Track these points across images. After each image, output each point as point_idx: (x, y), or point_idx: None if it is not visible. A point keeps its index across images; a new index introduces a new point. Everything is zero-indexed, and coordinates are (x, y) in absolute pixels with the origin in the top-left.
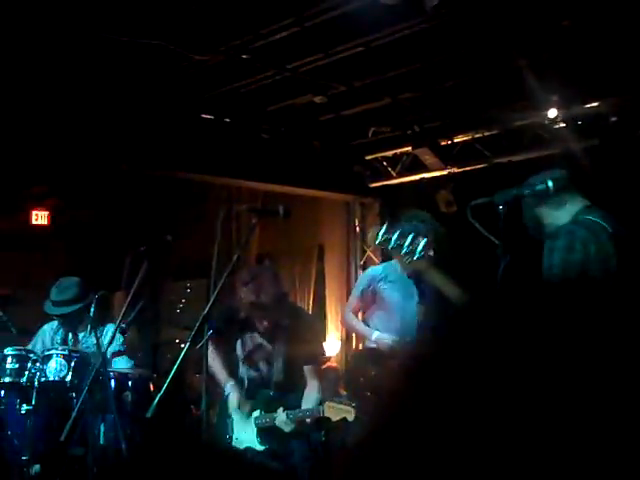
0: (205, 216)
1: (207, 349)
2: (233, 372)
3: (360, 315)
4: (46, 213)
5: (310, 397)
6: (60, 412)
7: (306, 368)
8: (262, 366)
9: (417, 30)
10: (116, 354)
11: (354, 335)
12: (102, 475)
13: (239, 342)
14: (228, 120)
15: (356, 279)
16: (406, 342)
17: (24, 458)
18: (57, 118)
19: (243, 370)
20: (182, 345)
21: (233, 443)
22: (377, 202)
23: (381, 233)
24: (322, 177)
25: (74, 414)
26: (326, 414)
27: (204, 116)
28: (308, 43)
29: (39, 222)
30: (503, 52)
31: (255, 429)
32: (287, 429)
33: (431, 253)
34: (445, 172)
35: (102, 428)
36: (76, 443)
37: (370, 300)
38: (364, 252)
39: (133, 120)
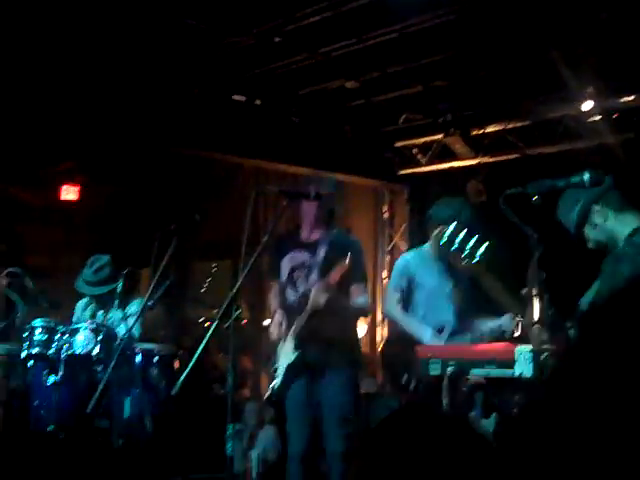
0: (232, 197)
1: (233, 329)
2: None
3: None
4: (75, 188)
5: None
6: (86, 385)
7: (352, 288)
8: (300, 285)
9: (452, 18)
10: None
11: (384, 321)
12: (126, 448)
13: (284, 262)
14: (259, 102)
15: (383, 265)
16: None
17: (50, 429)
18: (88, 94)
19: (289, 293)
20: (206, 324)
21: (277, 372)
22: (406, 189)
23: (447, 234)
24: (351, 162)
25: (100, 387)
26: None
27: (235, 97)
28: (341, 28)
29: (68, 197)
30: (539, 43)
31: (293, 341)
32: (322, 299)
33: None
34: (475, 162)
35: (127, 402)
36: (101, 416)
37: (407, 288)
38: (391, 238)
39: (165, 99)
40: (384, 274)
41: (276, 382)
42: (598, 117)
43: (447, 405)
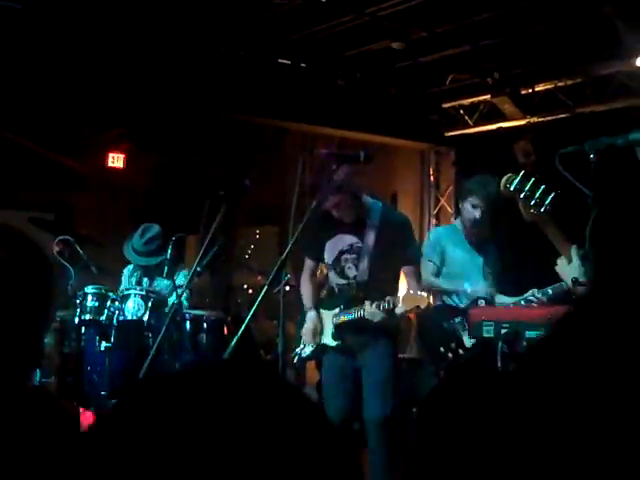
0: (279, 162)
1: (283, 294)
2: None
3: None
4: (122, 156)
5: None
6: (138, 350)
7: (405, 269)
8: (348, 271)
9: None
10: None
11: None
12: None
13: (327, 246)
14: (304, 65)
15: (429, 228)
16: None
17: (102, 393)
18: (134, 61)
19: (333, 277)
20: (250, 290)
21: (307, 339)
22: (452, 151)
23: (517, 181)
24: (398, 125)
25: (151, 353)
26: (400, 304)
27: (281, 61)
28: None
29: (115, 165)
30: None
31: (332, 326)
32: (377, 318)
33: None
34: (524, 122)
35: (178, 368)
36: None
37: (439, 261)
38: (438, 201)
39: (210, 64)
40: None
41: (305, 350)
42: None
43: (501, 369)
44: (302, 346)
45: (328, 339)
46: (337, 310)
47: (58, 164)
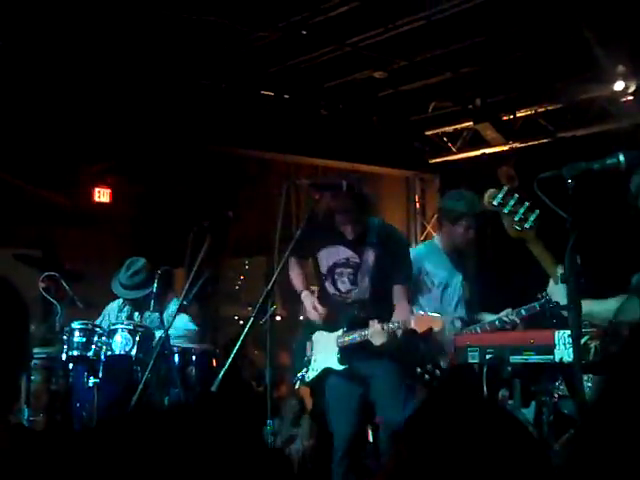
0: (264, 193)
1: (270, 325)
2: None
3: None
4: (108, 190)
5: (399, 317)
6: (126, 385)
7: (396, 288)
8: (340, 284)
9: (478, 2)
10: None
11: None
12: None
13: (323, 253)
14: (287, 96)
15: None
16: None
17: None
18: (117, 95)
19: (327, 287)
20: (240, 321)
21: (311, 364)
22: (437, 178)
23: (500, 196)
24: (382, 153)
25: (140, 387)
26: (413, 325)
27: (264, 92)
28: (368, 18)
29: (101, 199)
30: (567, 23)
31: (337, 349)
32: (378, 341)
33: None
34: (506, 147)
35: (166, 401)
36: None
37: (418, 280)
38: (424, 228)
39: (194, 97)
40: None
41: (309, 375)
42: (630, 97)
43: (486, 393)
44: (305, 370)
45: (333, 363)
46: (340, 332)
47: (44, 200)
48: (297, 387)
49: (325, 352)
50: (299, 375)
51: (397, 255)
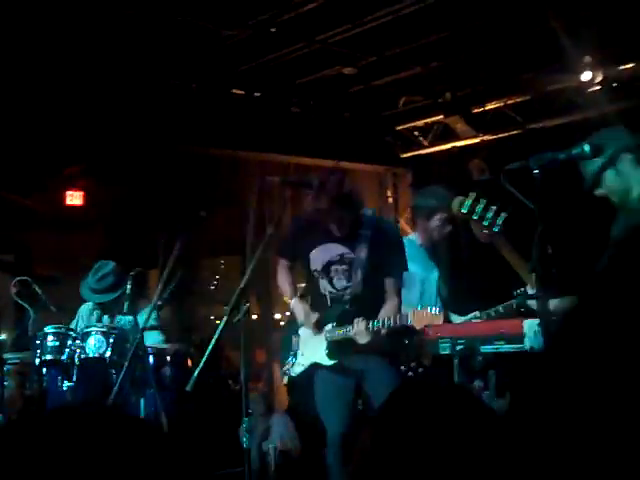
0: (237, 192)
1: (244, 324)
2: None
3: None
4: (80, 193)
5: (387, 313)
6: (100, 388)
7: (387, 281)
8: (337, 281)
9: None
10: (147, 329)
11: None
12: None
13: (315, 252)
14: (258, 94)
15: None
16: None
17: None
18: (86, 97)
19: (323, 284)
20: (217, 321)
21: (297, 359)
22: (409, 172)
23: (468, 203)
24: (353, 149)
25: (115, 389)
26: (411, 321)
27: (234, 91)
28: (336, 14)
29: (73, 202)
30: (534, 14)
31: (325, 343)
32: (362, 340)
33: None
34: (477, 140)
35: (142, 403)
36: None
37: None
38: (397, 222)
39: (164, 97)
40: None
41: (295, 369)
42: (598, 87)
43: (459, 384)
44: (290, 363)
45: (321, 357)
46: (330, 326)
47: (16, 204)
48: (284, 382)
49: (313, 346)
50: (284, 369)
51: (390, 248)
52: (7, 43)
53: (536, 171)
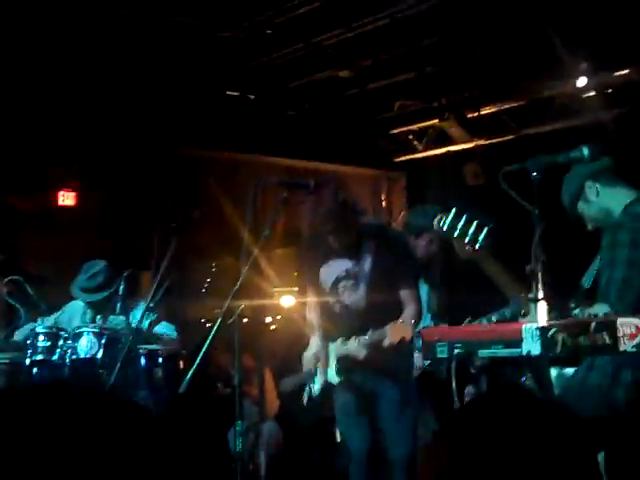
0: (231, 194)
1: (238, 326)
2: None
3: None
4: (72, 194)
5: (404, 320)
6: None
7: (401, 292)
8: (347, 298)
9: (442, 0)
10: (155, 322)
11: None
12: None
13: (323, 271)
14: (253, 96)
15: None
16: None
17: None
18: (80, 97)
19: (334, 302)
20: (207, 324)
21: (316, 377)
22: (403, 176)
23: (449, 220)
24: (348, 152)
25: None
26: (388, 336)
27: (229, 93)
28: (331, 17)
29: (66, 203)
30: (529, 20)
31: (334, 360)
32: (361, 356)
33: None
34: (472, 145)
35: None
36: None
37: None
38: (390, 226)
39: (158, 98)
40: None
41: (315, 387)
42: (592, 93)
43: (455, 388)
44: (312, 383)
45: (332, 375)
46: (339, 342)
47: (7, 204)
48: (306, 401)
49: (330, 368)
50: (307, 388)
51: (397, 257)
52: (2, 43)
53: (535, 174)
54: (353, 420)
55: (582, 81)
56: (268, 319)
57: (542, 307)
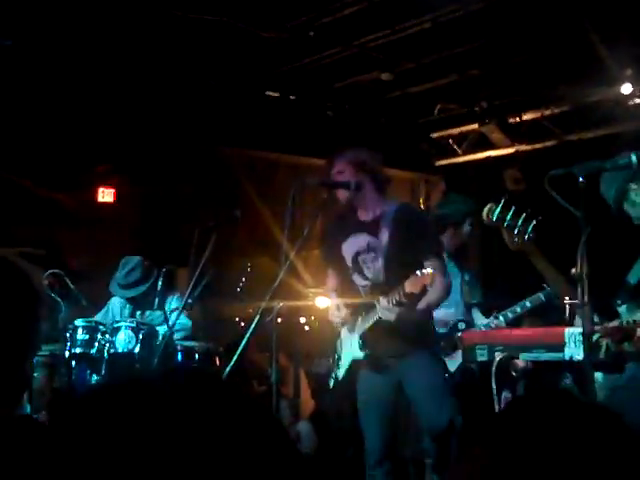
0: (270, 194)
1: (274, 325)
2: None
3: None
4: (112, 190)
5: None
6: None
7: (427, 264)
8: (367, 272)
9: (486, 4)
10: (174, 310)
11: None
12: None
13: (345, 246)
14: (294, 97)
15: None
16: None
17: None
18: (122, 95)
19: (355, 277)
20: (242, 323)
21: (340, 361)
22: (442, 180)
23: (498, 211)
24: (387, 154)
25: None
26: (407, 289)
27: (270, 93)
28: (375, 19)
29: (105, 199)
30: (575, 26)
31: (357, 337)
32: (392, 316)
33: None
34: (512, 150)
35: None
36: None
37: None
38: None
39: (200, 97)
40: None
41: (339, 372)
42: (638, 100)
43: (495, 391)
44: (337, 369)
45: (356, 351)
46: (360, 319)
47: (48, 200)
48: (332, 386)
49: (350, 345)
50: (332, 374)
51: (416, 230)
52: (44, 43)
53: (581, 179)
54: (373, 411)
55: (627, 88)
56: (302, 320)
57: (587, 312)
